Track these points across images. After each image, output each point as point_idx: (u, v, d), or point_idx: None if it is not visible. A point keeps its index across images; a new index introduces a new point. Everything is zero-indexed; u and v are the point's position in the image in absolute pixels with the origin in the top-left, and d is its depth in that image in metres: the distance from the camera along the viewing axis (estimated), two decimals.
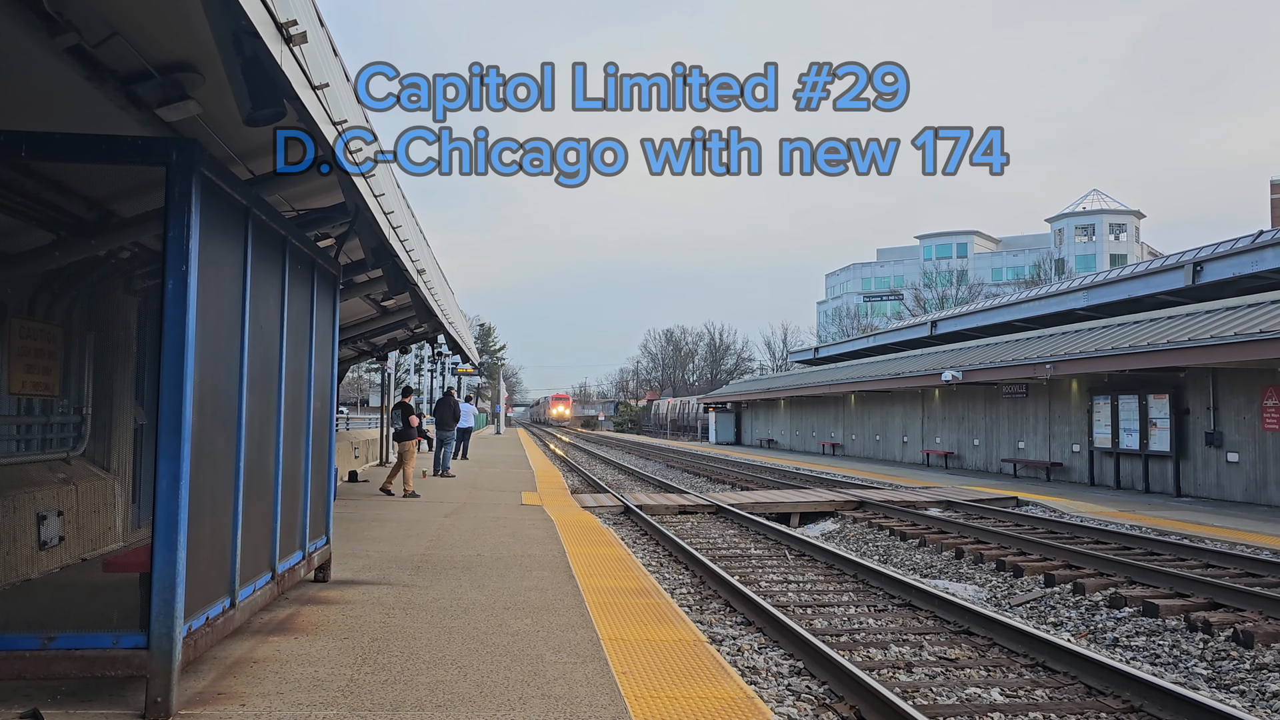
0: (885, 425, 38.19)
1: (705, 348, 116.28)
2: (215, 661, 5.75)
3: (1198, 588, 10.14)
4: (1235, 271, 23.68)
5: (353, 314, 16.37)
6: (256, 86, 4.99)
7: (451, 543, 11.31)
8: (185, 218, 4.84)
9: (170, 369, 4.81)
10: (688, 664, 6.09)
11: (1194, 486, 21.00)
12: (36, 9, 4.51)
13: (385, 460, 27.60)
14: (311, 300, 7.62)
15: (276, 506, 6.75)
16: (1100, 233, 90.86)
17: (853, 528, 17.39)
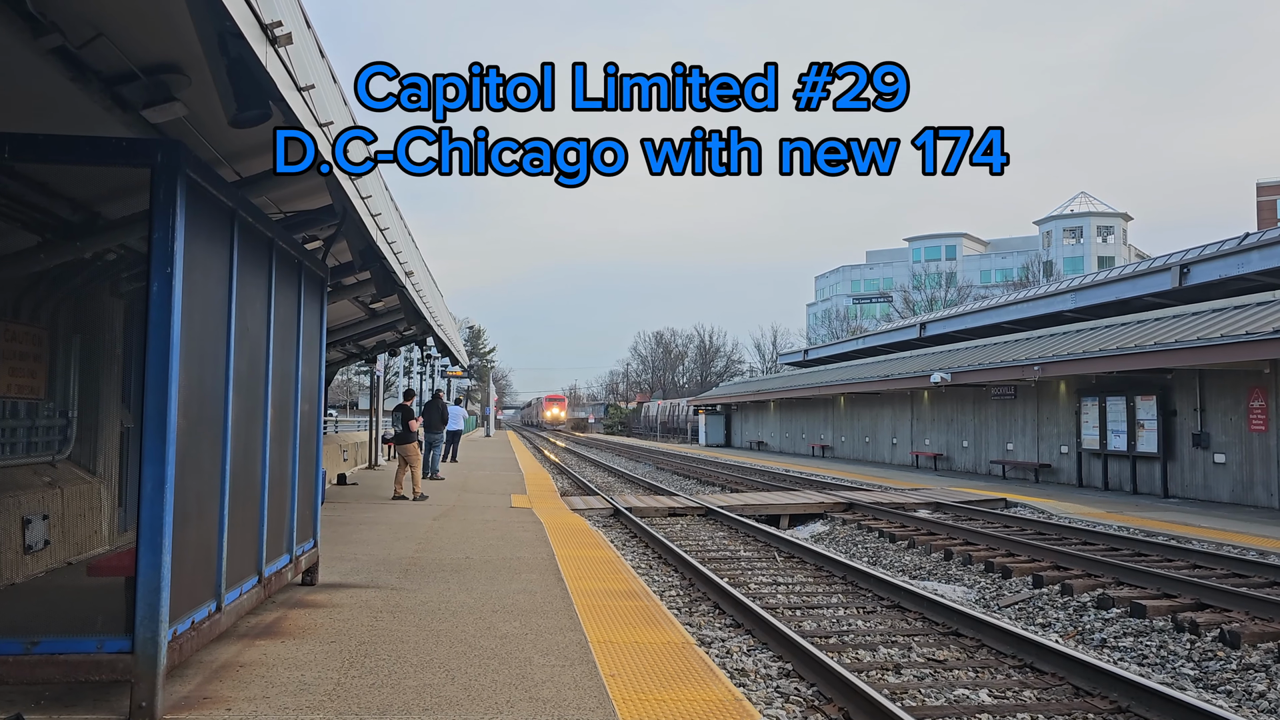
0: (875, 427, 38.26)
1: (695, 350, 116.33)
2: (201, 665, 5.72)
3: (1185, 588, 10.18)
4: (1222, 273, 23.80)
5: (341, 316, 16.33)
6: (242, 88, 4.96)
7: (440, 545, 11.28)
8: (170, 220, 4.81)
9: (155, 372, 4.79)
10: (676, 666, 6.08)
11: (1181, 487, 21.09)
12: (20, 9, 4.48)
13: (374, 463, 27.53)
14: (299, 302, 7.60)
15: (263, 509, 6.72)
16: (1088, 235, 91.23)
17: (842, 529, 17.41)
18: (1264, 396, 18.97)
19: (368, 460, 27.79)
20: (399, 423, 17.76)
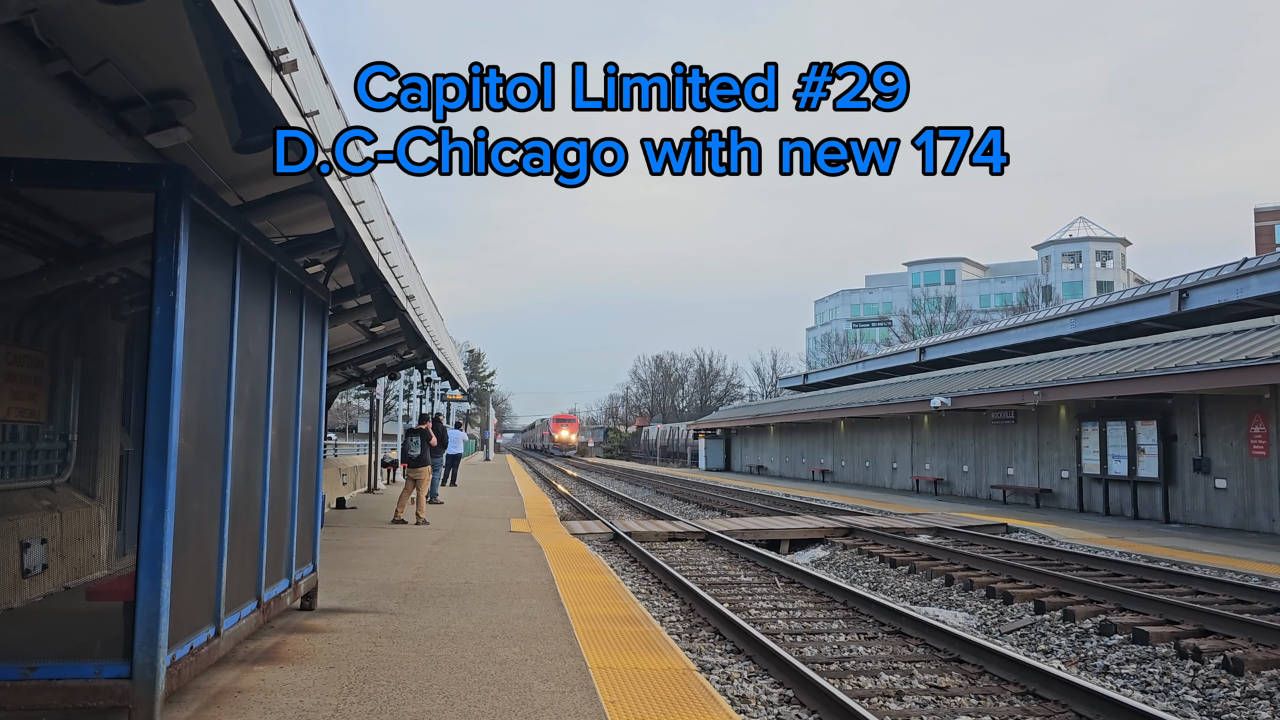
0: (875, 451, 38.19)
1: (695, 374, 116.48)
2: (199, 691, 5.69)
3: (1187, 614, 10.13)
4: (1221, 298, 23.86)
5: (341, 340, 16.34)
6: (247, 114, 4.99)
7: (439, 570, 11.24)
8: (174, 244, 4.84)
9: (157, 395, 4.79)
10: (676, 692, 6.05)
11: (1182, 513, 21.03)
12: (28, 36, 4.52)
13: (374, 487, 27.46)
14: (300, 326, 7.61)
15: (263, 534, 6.70)
16: (1087, 260, 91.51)
17: (842, 554, 17.35)
18: (1264, 421, 18.95)
19: (367, 484, 27.73)
20: (418, 446, 17.42)
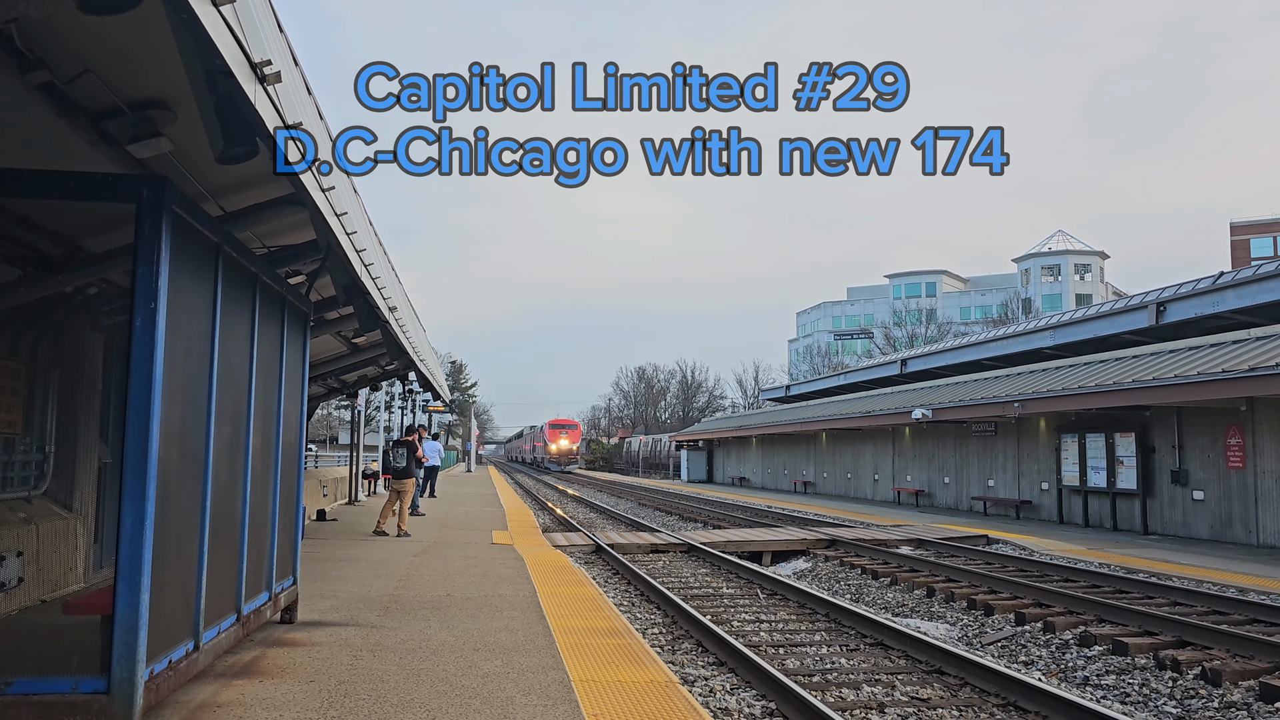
0: (856, 463, 38.30)
1: (677, 385, 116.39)
2: (178, 706, 5.63)
3: (1166, 626, 10.20)
4: (1198, 311, 24.11)
5: (323, 351, 16.27)
6: (229, 125, 4.98)
7: (421, 582, 11.17)
8: (155, 255, 4.81)
9: (137, 408, 4.75)
10: (659, 705, 6.03)
11: (1161, 524, 21.19)
12: (8, 46, 4.49)
13: (354, 499, 27.29)
14: (282, 338, 7.57)
15: (243, 547, 6.65)
16: (1066, 273, 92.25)
17: (825, 566, 17.37)
18: (1241, 434, 19.13)
19: (348, 496, 27.56)
20: (404, 458, 17.31)
